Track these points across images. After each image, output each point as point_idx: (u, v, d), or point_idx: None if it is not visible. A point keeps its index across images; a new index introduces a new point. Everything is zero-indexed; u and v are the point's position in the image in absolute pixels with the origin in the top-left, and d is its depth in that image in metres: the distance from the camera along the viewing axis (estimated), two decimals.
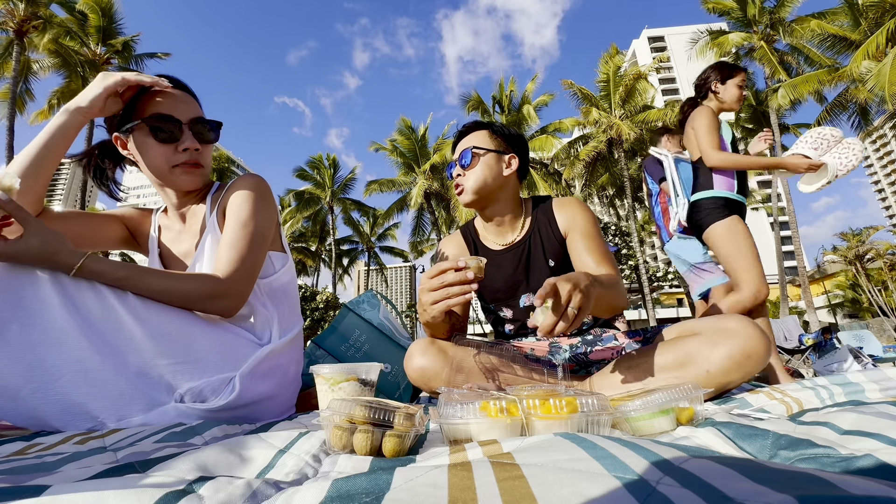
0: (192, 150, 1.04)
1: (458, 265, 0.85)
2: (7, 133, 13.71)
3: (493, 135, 1.31)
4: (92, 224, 1.10)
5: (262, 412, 1.00)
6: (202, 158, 1.07)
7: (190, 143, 1.03)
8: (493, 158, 1.28)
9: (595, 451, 0.40)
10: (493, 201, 1.30)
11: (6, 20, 13.67)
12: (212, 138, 1.09)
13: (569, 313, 0.75)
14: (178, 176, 1.05)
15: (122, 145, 1.06)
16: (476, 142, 1.29)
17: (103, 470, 0.47)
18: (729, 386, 0.93)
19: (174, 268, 1.12)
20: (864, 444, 0.47)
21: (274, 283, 1.11)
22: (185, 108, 1.04)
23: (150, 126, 1.00)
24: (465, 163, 1.27)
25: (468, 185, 1.26)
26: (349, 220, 26.26)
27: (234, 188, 1.08)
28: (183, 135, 1.03)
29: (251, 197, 1.05)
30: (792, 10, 14.95)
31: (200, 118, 1.07)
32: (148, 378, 0.88)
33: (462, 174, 1.28)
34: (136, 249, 1.20)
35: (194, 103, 1.09)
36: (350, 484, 0.37)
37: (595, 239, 1.21)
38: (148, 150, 1.02)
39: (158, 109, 1.01)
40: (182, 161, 1.03)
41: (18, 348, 0.80)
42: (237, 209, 1.03)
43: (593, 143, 17.21)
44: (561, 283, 0.76)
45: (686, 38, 18.24)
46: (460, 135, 1.35)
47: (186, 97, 1.07)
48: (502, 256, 1.31)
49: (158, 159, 1.03)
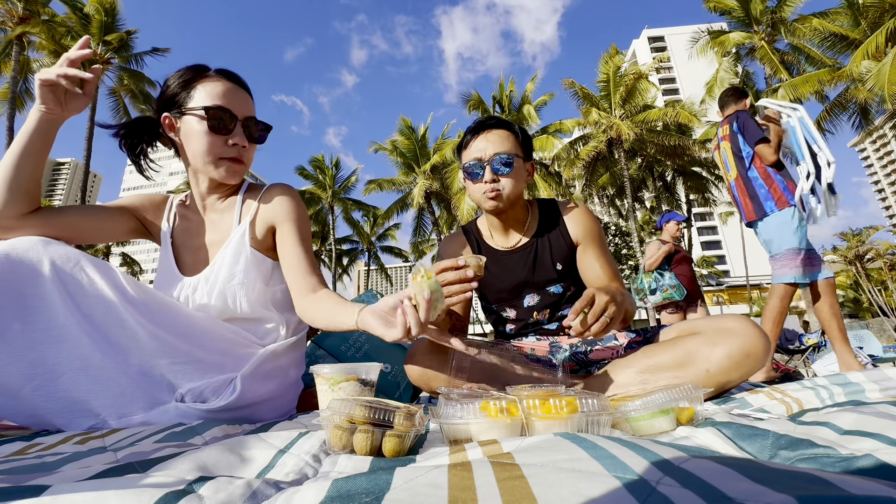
0: (240, 147, 1.05)
1: (458, 263, 0.85)
2: (7, 133, 13.71)
3: (516, 138, 1.26)
4: (95, 217, 1.06)
5: (263, 414, 1.00)
6: (246, 156, 1.08)
7: (240, 139, 1.05)
8: (522, 164, 1.25)
9: (595, 451, 0.40)
10: (514, 207, 1.29)
11: (5, 20, 13.65)
12: (260, 139, 1.11)
13: (601, 321, 0.84)
14: (221, 168, 1.05)
15: (169, 126, 1.05)
16: (512, 147, 1.23)
17: (103, 470, 0.47)
18: (729, 385, 0.93)
19: (186, 259, 1.09)
20: (864, 444, 0.47)
21: (280, 292, 1.09)
22: (243, 106, 1.06)
23: (209, 116, 1.01)
24: (506, 170, 1.20)
25: (507, 192, 1.21)
26: (349, 219, 26.24)
27: (274, 196, 1.10)
28: (235, 130, 1.04)
29: (303, 213, 1.12)
30: (793, 9, 14.94)
31: (254, 118, 1.09)
32: (149, 377, 0.88)
33: (497, 179, 1.21)
34: (147, 238, 1.17)
35: (250, 102, 1.10)
36: (350, 484, 0.37)
37: (606, 251, 1.26)
38: (198, 137, 1.02)
39: (220, 102, 1.02)
40: (230, 155, 1.04)
41: (20, 346, 0.80)
42: (302, 227, 1.09)
43: (593, 143, 17.21)
44: (599, 294, 0.85)
45: (686, 37, 18.24)
46: (485, 128, 1.25)
47: (245, 95, 1.09)
48: (508, 257, 1.31)
49: (207, 148, 1.02)
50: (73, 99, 0.94)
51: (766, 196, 2.48)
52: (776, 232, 2.45)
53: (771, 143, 2.45)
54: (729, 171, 2.67)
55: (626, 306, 0.94)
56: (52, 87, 0.91)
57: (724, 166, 2.71)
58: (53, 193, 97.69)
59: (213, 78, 1.05)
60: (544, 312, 1.30)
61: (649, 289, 3.98)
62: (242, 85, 1.10)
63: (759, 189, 2.51)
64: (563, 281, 1.28)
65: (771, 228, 2.48)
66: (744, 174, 2.56)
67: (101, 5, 14.79)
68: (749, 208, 2.55)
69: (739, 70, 16.35)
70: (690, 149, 17.21)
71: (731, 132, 2.62)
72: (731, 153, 2.62)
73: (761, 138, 2.46)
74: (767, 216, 2.48)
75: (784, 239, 2.42)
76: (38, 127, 0.93)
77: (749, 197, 2.55)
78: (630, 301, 1.02)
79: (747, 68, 16.30)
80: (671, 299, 3.90)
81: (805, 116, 2.39)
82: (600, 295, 0.85)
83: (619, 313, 0.87)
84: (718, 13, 16.31)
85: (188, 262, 1.09)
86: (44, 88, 0.90)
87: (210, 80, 1.04)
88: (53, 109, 0.92)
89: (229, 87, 1.05)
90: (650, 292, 3.98)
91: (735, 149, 2.60)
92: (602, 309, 0.84)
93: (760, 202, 2.50)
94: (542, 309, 1.30)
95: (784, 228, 2.42)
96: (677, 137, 16.93)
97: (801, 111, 2.39)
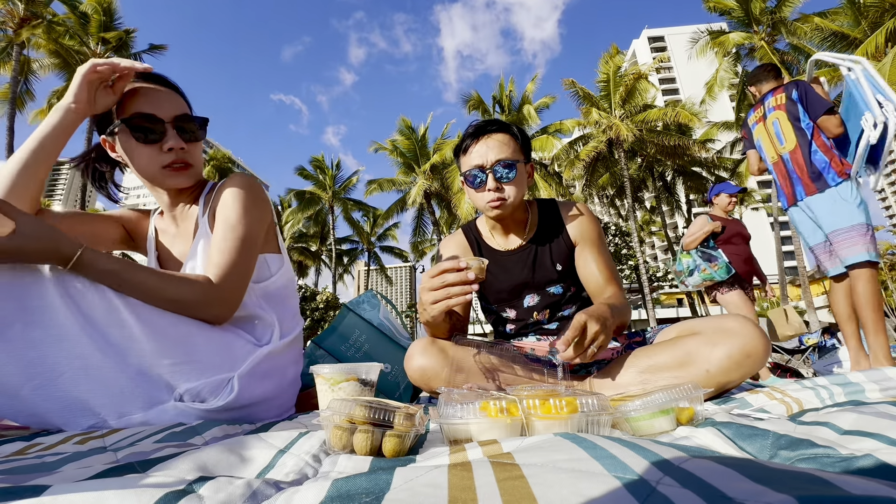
0: (177, 150, 0.99)
1: (460, 265, 0.85)
2: (7, 133, 13.71)
3: (516, 141, 1.23)
4: (90, 224, 1.08)
5: (261, 413, 1.00)
6: (190, 157, 1.02)
7: (175, 142, 0.98)
8: (523, 168, 1.23)
9: (595, 451, 0.40)
10: (516, 210, 1.27)
11: (6, 20, 13.65)
12: (199, 136, 1.04)
13: (590, 351, 0.85)
14: (167, 177, 1.00)
15: (110, 148, 1.02)
16: (512, 153, 1.19)
17: (103, 470, 0.47)
18: (729, 385, 0.93)
19: (171, 268, 1.10)
20: (864, 444, 0.47)
21: (271, 287, 1.08)
22: (169, 106, 0.99)
23: (130, 127, 0.95)
24: (509, 176, 1.18)
25: (512, 199, 1.19)
26: (349, 219, 26.26)
27: (223, 188, 1.04)
28: (167, 134, 0.97)
29: (240, 198, 1.00)
30: (793, 9, 14.94)
31: (185, 115, 1.01)
32: (148, 376, 0.88)
33: (501, 188, 1.18)
34: (135, 250, 1.18)
35: (178, 99, 1.03)
36: (350, 484, 0.37)
37: (605, 253, 1.25)
38: (133, 152, 0.97)
39: (139, 108, 0.95)
40: (169, 162, 0.99)
41: (20, 346, 0.80)
42: (226, 211, 0.99)
43: (593, 143, 17.22)
44: (591, 323, 0.86)
45: (686, 38, 18.24)
46: (485, 133, 1.21)
47: (169, 93, 1.01)
48: (508, 258, 1.31)
49: (144, 161, 0.98)
50: (103, 96, 0.95)
51: (827, 168, 2.31)
52: (839, 206, 2.26)
53: (836, 115, 2.29)
54: (782, 142, 2.46)
55: (615, 324, 0.95)
56: (100, 78, 0.91)
57: (776, 138, 2.49)
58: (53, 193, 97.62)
59: (130, 84, 0.98)
60: (544, 313, 1.30)
61: (688, 270, 3.41)
62: (163, 82, 1.02)
63: (820, 162, 2.33)
64: (563, 281, 1.28)
65: (833, 202, 2.28)
66: (805, 145, 2.37)
67: (99, 5, 14.79)
68: (808, 181, 2.36)
69: (739, 70, 16.36)
70: (690, 149, 17.23)
71: (790, 101, 2.44)
72: (789, 122, 2.43)
73: (829, 108, 2.30)
74: (830, 188, 2.29)
75: (851, 213, 2.23)
76: (61, 122, 0.92)
77: (808, 170, 2.36)
78: (620, 312, 1.02)
79: (747, 68, 16.29)
80: (711, 280, 3.30)
81: (869, 68, 2.17)
82: (592, 324, 0.85)
83: (607, 340, 0.88)
84: (718, 13, 16.32)
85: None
86: (83, 82, 0.90)
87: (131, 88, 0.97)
88: (83, 106, 0.92)
89: (146, 90, 0.98)
90: (689, 273, 3.41)
91: (793, 119, 2.42)
92: (592, 339, 0.85)
93: (821, 173, 2.32)
94: (542, 309, 1.30)
95: (849, 202, 2.24)
96: (677, 137, 16.95)
97: (863, 63, 2.19)
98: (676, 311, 29.62)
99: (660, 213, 20.75)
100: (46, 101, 15.08)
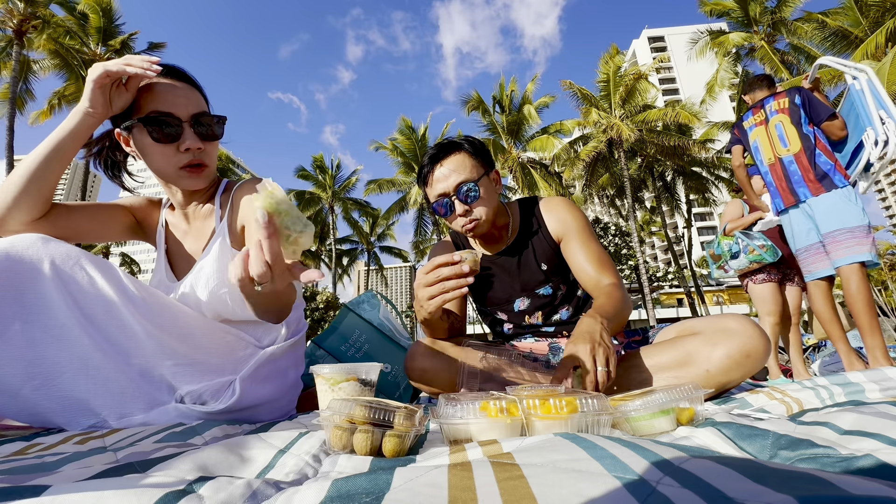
0: (194, 150, 0.95)
1: (454, 259, 0.85)
2: (7, 133, 13.69)
3: (472, 155, 1.19)
4: (100, 217, 1.05)
5: (263, 415, 1.00)
6: (206, 157, 0.98)
7: (192, 142, 0.94)
8: (487, 180, 1.20)
9: (595, 451, 0.40)
10: (495, 220, 1.26)
11: (5, 20, 13.65)
12: (217, 134, 1.00)
13: (601, 375, 0.79)
14: (182, 179, 0.97)
15: (125, 142, 0.99)
16: (468, 173, 1.16)
17: (103, 470, 0.47)
18: (729, 385, 0.93)
19: (181, 265, 1.08)
20: (864, 444, 0.47)
21: None
22: (186, 103, 0.95)
23: (146, 125, 0.92)
24: (475, 196, 1.16)
25: (484, 216, 1.17)
26: (349, 219, 26.25)
27: (241, 189, 1.04)
28: (184, 133, 0.93)
29: None
30: (793, 9, 14.94)
31: (203, 113, 0.97)
32: (150, 377, 0.88)
33: (470, 210, 1.17)
34: (143, 239, 1.15)
35: (197, 96, 0.99)
36: (350, 484, 0.37)
37: (590, 242, 1.19)
38: (148, 151, 0.94)
39: (156, 106, 0.92)
40: (185, 162, 0.95)
41: (20, 346, 0.80)
42: None
43: (593, 143, 17.21)
44: (581, 353, 0.81)
45: (686, 38, 18.24)
46: (438, 160, 1.18)
47: (188, 90, 0.97)
48: (493, 263, 1.30)
49: (160, 160, 0.95)
50: (118, 96, 0.92)
51: (832, 170, 2.35)
52: (845, 206, 2.30)
53: (840, 118, 2.34)
54: (786, 145, 2.50)
55: (616, 322, 0.94)
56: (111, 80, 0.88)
57: (779, 141, 2.54)
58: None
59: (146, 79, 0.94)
60: (537, 315, 1.29)
61: (730, 252, 3.18)
62: (182, 77, 0.98)
63: (825, 164, 2.38)
64: (551, 281, 1.26)
65: (839, 202, 2.32)
66: (809, 148, 2.43)
67: (97, 5, 14.77)
68: (815, 181, 2.40)
69: (739, 70, 16.35)
70: (690, 149, 17.21)
71: (793, 105, 2.51)
72: (794, 126, 2.48)
73: (832, 114, 2.36)
74: (838, 188, 2.33)
75: (854, 214, 2.27)
76: (78, 126, 0.90)
77: (813, 172, 2.40)
78: (616, 311, 0.99)
79: (747, 68, 16.29)
80: (762, 261, 3.07)
81: (873, 79, 2.19)
82: (582, 353, 0.81)
83: (609, 349, 0.84)
84: (716, 16, 16.32)
85: (182, 269, 1.08)
86: (96, 87, 0.87)
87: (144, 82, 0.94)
88: (101, 110, 0.90)
89: (164, 86, 0.94)
90: (731, 256, 3.18)
91: (796, 122, 2.47)
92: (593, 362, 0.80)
93: (827, 175, 2.36)
94: (534, 312, 1.29)
95: (852, 204, 2.29)
96: (677, 137, 16.94)
97: (868, 73, 2.20)
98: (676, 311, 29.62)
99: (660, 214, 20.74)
100: (47, 102, 15.06)
